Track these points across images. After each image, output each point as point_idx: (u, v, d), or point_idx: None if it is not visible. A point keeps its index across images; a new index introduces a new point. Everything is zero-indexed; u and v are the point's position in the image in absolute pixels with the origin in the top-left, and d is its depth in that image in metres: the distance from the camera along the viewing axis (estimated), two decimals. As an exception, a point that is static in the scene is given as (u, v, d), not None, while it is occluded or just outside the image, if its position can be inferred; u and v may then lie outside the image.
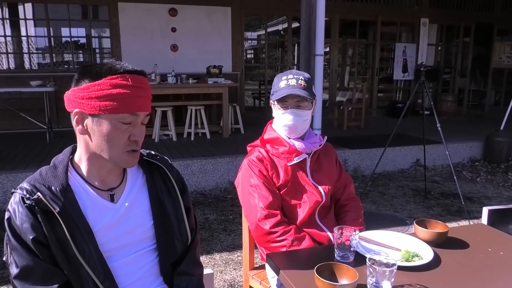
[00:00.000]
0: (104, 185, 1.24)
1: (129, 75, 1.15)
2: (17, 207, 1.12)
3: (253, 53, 18.37)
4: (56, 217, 1.11)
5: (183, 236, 1.36)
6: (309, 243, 1.71)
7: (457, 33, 9.87)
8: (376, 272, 1.20)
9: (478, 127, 7.52)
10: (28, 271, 1.11)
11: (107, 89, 1.12)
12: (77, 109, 1.14)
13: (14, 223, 1.12)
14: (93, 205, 1.20)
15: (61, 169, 1.19)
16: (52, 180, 1.16)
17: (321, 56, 4.22)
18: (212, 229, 3.75)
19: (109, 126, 1.14)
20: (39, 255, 1.11)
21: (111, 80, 1.12)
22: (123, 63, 1.18)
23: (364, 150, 5.67)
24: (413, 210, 4.32)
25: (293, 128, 1.80)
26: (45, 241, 1.11)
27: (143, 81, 1.19)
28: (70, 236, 1.12)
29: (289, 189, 1.81)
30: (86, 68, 1.18)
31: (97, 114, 1.13)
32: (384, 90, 10.11)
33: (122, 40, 7.05)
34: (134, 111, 1.16)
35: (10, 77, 6.74)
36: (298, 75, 1.78)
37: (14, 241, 1.12)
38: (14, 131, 6.58)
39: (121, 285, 1.22)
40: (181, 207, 1.36)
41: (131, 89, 1.14)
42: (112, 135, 1.15)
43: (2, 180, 4.14)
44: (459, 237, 1.64)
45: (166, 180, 1.36)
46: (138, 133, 1.19)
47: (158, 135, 6.11)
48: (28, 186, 1.14)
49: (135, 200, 1.28)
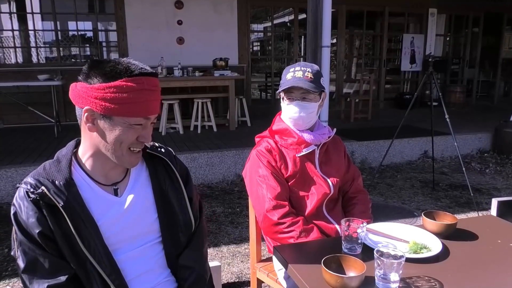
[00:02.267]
0: (107, 180, 1.25)
1: (144, 78, 1.14)
2: (22, 201, 1.13)
3: (259, 45, 18.28)
4: (61, 211, 1.12)
5: (188, 227, 1.36)
6: (317, 234, 1.71)
7: (465, 23, 9.75)
8: (384, 264, 1.20)
9: (487, 118, 7.44)
10: (35, 264, 1.12)
11: (122, 92, 1.11)
12: (88, 106, 1.13)
13: (20, 218, 1.13)
14: (97, 199, 1.21)
15: (64, 163, 1.20)
16: (55, 174, 1.17)
17: (327, 47, 4.18)
18: (219, 221, 3.76)
19: (121, 127, 1.15)
20: (45, 248, 1.12)
21: (126, 83, 1.12)
22: (137, 63, 1.17)
23: (371, 142, 5.64)
24: (421, 202, 4.30)
25: (297, 120, 1.79)
26: (51, 234, 1.12)
27: (156, 84, 1.19)
28: (74, 229, 1.13)
29: (297, 180, 1.80)
30: (98, 64, 1.16)
31: (109, 115, 1.14)
32: (392, 81, 10.03)
33: (129, 33, 7.05)
34: (147, 115, 1.17)
35: (18, 71, 6.78)
36: (306, 67, 1.77)
37: (20, 235, 1.13)
38: (22, 125, 6.63)
39: (128, 278, 1.22)
40: (185, 199, 1.36)
41: (146, 93, 1.15)
42: (123, 136, 1.16)
43: (12, 173, 4.18)
44: (468, 229, 1.63)
45: (169, 172, 1.36)
46: (147, 135, 1.20)
47: (165, 128, 6.12)
48: (32, 180, 1.15)
49: (139, 194, 1.28)
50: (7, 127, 6.63)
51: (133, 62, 1.16)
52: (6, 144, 5.36)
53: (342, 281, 1.18)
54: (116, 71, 1.12)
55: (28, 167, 4.20)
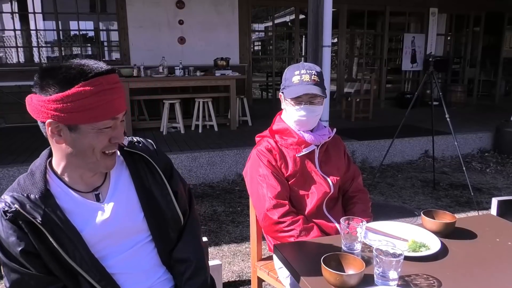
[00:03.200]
0: (87, 187, 1.21)
1: (101, 78, 1.07)
2: (1, 221, 1.08)
3: (260, 45, 18.29)
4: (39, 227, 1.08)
5: (176, 222, 1.33)
6: (317, 233, 1.72)
7: (466, 23, 9.75)
8: (383, 262, 1.21)
9: (488, 117, 7.44)
10: (21, 284, 1.09)
11: (82, 98, 1.04)
12: (50, 119, 1.07)
13: (0, 237, 1.08)
14: (77, 208, 1.16)
15: (38, 175, 1.15)
16: (30, 188, 1.12)
17: (328, 47, 4.19)
18: (220, 221, 3.77)
19: (89, 134, 1.09)
20: (29, 266, 1.08)
21: (84, 87, 1.04)
22: (90, 63, 1.09)
23: (372, 141, 5.65)
24: (422, 201, 4.30)
25: (305, 123, 1.80)
26: (34, 250, 1.08)
27: (115, 80, 1.12)
28: (57, 243, 1.09)
29: (297, 179, 1.82)
30: (49, 72, 1.09)
31: (74, 124, 1.08)
32: (393, 81, 10.04)
33: (130, 33, 7.07)
34: (114, 114, 1.11)
35: (20, 70, 6.79)
36: (311, 69, 1.78)
37: (3, 256, 1.09)
38: (24, 124, 6.64)
39: (121, 281, 1.20)
40: (170, 194, 1.32)
41: (107, 94, 1.08)
42: (94, 142, 1.10)
43: (14, 173, 4.20)
44: (467, 228, 1.64)
45: (151, 168, 1.31)
46: (118, 134, 1.15)
47: (166, 128, 6.14)
48: (9, 197, 1.10)
49: (122, 195, 1.24)
50: (9, 126, 6.67)
51: (86, 63, 1.09)
52: (8, 143, 5.39)
53: (341, 279, 1.19)
54: (70, 77, 1.05)
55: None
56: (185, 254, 1.32)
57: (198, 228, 1.42)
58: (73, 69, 1.07)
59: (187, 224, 1.37)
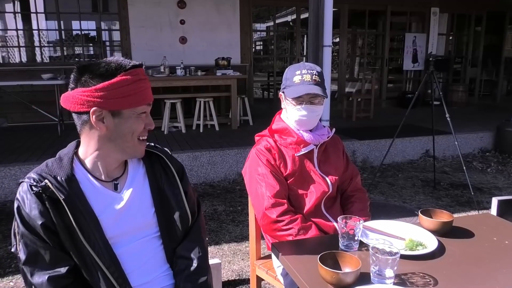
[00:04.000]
0: (108, 177, 1.30)
1: (137, 70, 1.23)
2: (26, 195, 1.17)
3: (262, 45, 18.27)
4: (62, 204, 1.16)
5: (184, 220, 1.39)
6: (315, 232, 1.73)
7: (468, 22, 9.73)
8: (379, 261, 1.22)
9: (489, 117, 7.43)
10: (37, 256, 1.16)
11: (124, 85, 1.19)
12: (95, 107, 1.18)
13: (23, 211, 1.16)
14: (97, 194, 1.25)
15: (66, 161, 1.25)
16: (57, 170, 1.21)
17: (329, 47, 4.19)
18: (221, 220, 3.79)
19: (130, 119, 1.23)
20: (47, 240, 1.16)
21: (126, 77, 1.20)
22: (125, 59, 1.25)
23: (373, 141, 5.65)
24: (422, 201, 4.31)
25: (305, 123, 1.82)
26: (53, 227, 1.16)
27: (144, 73, 1.28)
28: (75, 223, 1.17)
29: (296, 178, 1.83)
30: (86, 68, 1.21)
31: (118, 110, 1.21)
32: (394, 80, 10.02)
33: (132, 32, 7.09)
34: (149, 101, 1.27)
35: (22, 70, 6.82)
36: (312, 69, 1.79)
37: (23, 228, 1.16)
38: (26, 124, 6.68)
39: (128, 271, 1.26)
40: (181, 193, 1.40)
41: (142, 82, 1.24)
42: (134, 126, 1.24)
43: (15, 171, 4.22)
44: (465, 227, 1.65)
45: (165, 168, 1.41)
46: (151, 121, 1.29)
47: (167, 127, 6.16)
48: (36, 175, 1.19)
49: (137, 189, 1.33)
50: (11, 125, 6.69)
51: (121, 59, 1.24)
52: (10, 142, 5.41)
53: (337, 277, 1.20)
54: (112, 69, 1.20)
55: (31, 165, 4.24)
56: (189, 252, 1.38)
57: (204, 233, 1.48)
58: (113, 63, 1.22)
59: (193, 226, 1.44)
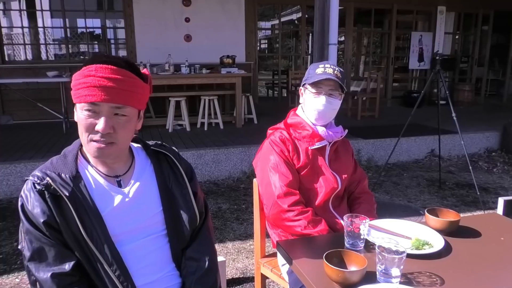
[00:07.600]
0: (111, 172, 1.28)
1: (97, 65, 1.15)
2: (29, 192, 1.17)
3: (266, 43, 18.28)
4: (66, 201, 1.16)
5: (192, 221, 1.37)
6: (324, 227, 1.72)
7: (475, 21, 9.66)
8: (385, 260, 1.21)
9: (496, 117, 7.38)
10: (41, 253, 1.16)
11: (78, 78, 1.17)
12: None
13: (26, 208, 1.17)
14: (101, 190, 1.25)
15: (70, 158, 1.25)
16: (62, 167, 1.22)
17: (334, 45, 4.18)
18: (225, 218, 3.78)
19: (78, 114, 1.19)
20: (50, 237, 1.16)
21: (84, 71, 1.17)
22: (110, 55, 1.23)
23: (378, 140, 5.62)
24: (427, 201, 4.29)
25: (322, 114, 1.84)
26: (55, 224, 1.16)
27: (116, 72, 1.16)
28: (79, 219, 1.17)
29: (308, 171, 1.84)
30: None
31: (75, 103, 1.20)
32: (400, 79, 9.98)
33: (137, 30, 7.10)
34: (89, 100, 1.15)
35: (27, 68, 6.85)
36: (335, 66, 1.84)
37: (27, 224, 1.17)
38: (31, 121, 6.71)
39: (132, 269, 1.24)
40: (189, 194, 1.38)
41: (91, 79, 1.14)
42: (81, 123, 1.18)
43: (21, 169, 4.24)
44: (471, 226, 1.63)
45: (174, 168, 1.39)
46: (100, 124, 1.16)
47: (172, 125, 6.16)
48: (40, 173, 1.20)
49: (143, 186, 1.31)
50: (16, 123, 6.72)
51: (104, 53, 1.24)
52: (15, 140, 5.43)
53: (343, 275, 1.19)
54: (86, 61, 1.19)
55: (37, 163, 4.25)
56: (199, 254, 1.37)
57: (212, 233, 1.48)
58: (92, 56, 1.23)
59: (202, 227, 1.43)
